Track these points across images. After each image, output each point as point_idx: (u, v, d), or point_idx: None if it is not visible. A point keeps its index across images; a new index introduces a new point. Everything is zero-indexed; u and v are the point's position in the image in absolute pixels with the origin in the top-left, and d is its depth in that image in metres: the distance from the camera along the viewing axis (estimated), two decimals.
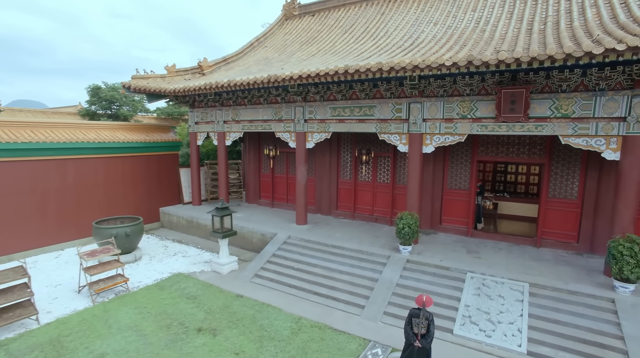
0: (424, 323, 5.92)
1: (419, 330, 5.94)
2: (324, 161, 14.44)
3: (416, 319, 5.99)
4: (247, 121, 14.05)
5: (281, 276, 10.44)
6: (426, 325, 5.93)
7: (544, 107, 8.76)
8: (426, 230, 12.35)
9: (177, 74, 15.21)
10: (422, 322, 5.91)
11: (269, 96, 13.15)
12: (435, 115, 10.05)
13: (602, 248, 10.05)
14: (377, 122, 11.02)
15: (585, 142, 8.53)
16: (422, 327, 5.92)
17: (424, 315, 5.93)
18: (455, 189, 12.08)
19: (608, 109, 8.20)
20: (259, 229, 12.91)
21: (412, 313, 6.08)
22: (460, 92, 9.72)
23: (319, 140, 12.33)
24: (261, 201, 16.83)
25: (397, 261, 9.82)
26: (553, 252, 10.43)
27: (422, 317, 5.92)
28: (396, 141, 10.77)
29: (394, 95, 10.68)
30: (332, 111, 11.82)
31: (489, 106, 9.30)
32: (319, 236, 11.93)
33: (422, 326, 5.92)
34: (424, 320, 5.92)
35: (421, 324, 5.91)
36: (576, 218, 10.51)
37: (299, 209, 13.08)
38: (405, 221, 9.79)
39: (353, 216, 14.03)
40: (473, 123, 9.57)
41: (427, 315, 5.97)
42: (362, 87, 10.88)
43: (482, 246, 10.97)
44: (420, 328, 5.92)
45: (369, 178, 13.79)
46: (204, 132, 15.58)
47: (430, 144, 10.25)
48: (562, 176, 10.61)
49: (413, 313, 6.07)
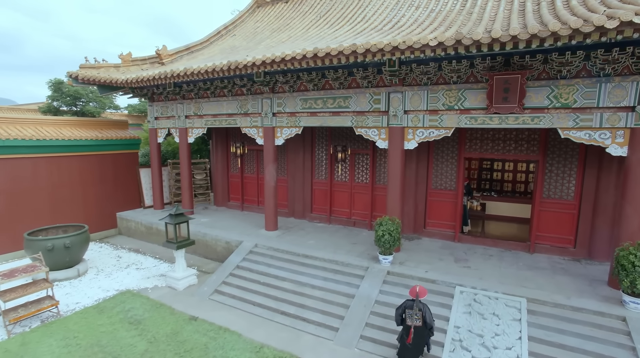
0: (418, 314, 5.79)
1: (412, 321, 5.83)
2: (297, 159, 13.13)
3: (410, 311, 5.88)
4: (210, 115, 12.62)
5: (244, 293, 9.10)
6: (420, 316, 5.81)
7: (541, 96, 7.65)
8: (409, 235, 11.18)
9: (133, 63, 13.64)
10: (416, 313, 5.79)
11: (234, 87, 11.75)
12: (418, 106, 8.85)
13: (602, 253, 9.07)
14: (353, 115, 9.77)
15: (587, 135, 7.46)
16: (417, 318, 5.80)
17: (418, 306, 5.81)
18: (440, 189, 10.94)
19: (614, 97, 7.13)
20: (223, 236, 11.52)
21: (406, 305, 5.98)
22: (447, 80, 8.55)
23: (289, 136, 11.01)
24: (230, 203, 15.42)
25: (376, 274, 8.60)
26: (548, 259, 9.39)
27: (415, 308, 5.80)
28: (374, 136, 9.54)
29: (371, 84, 9.43)
30: (303, 103, 10.51)
31: (479, 96, 8.15)
32: (290, 243, 10.62)
33: (417, 318, 5.80)
34: (417, 311, 5.79)
35: (415, 315, 5.79)
36: (573, 221, 9.49)
37: (269, 213, 11.75)
38: (385, 227, 8.58)
39: (329, 219, 12.76)
40: (461, 115, 8.41)
41: (421, 306, 5.83)
42: (335, 76, 9.60)
43: (471, 252, 9.86)
44: (415, 320, 5.81)
45: (346, 178, 12.54)
46: (165, 129, 14.07)
47: (413, 139, 9.05)
48: (557, 175, 9.57)
49: (407, 304, 5.97)
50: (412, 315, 5.80)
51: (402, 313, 5.99)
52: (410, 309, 5.88)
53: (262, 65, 9.06)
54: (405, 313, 5.95)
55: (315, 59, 8.29)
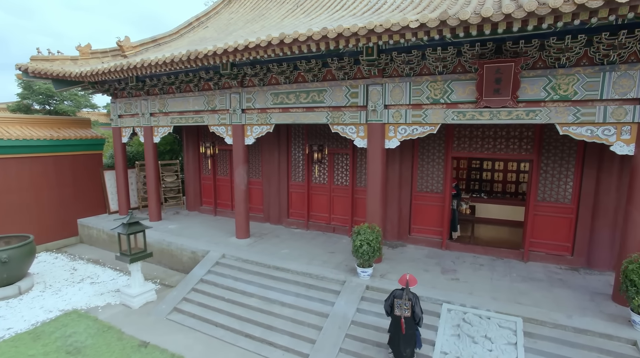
0: (407, 304, 5.50)
1: (401, 312, 5.54)
2: (272, 160, 12.10)
3: (399, 300, 5.58)
4: (176, 112, 11.53)
5: (206, 311, 8.07)
6: (410, 306, 5.51)
7: (537, 87, 6.76)
8: (393, 242, 10.24)
9: (92, 56, 12.47)
10: (405, 303, 5.50)
11: (200, 82, 10.69)
12: (399, 100, 7.90)
13: (602, 262, 8.24)
14: (328, 111, 8.79)
15: (589, 132, 6.58)
16: (406, 308, 5.52)
17: (408, 295, 5.51)
18: (426, 192, 10.01)
19: (620, 88, 6.26)
20: (189, 245, 10.45)
21: (395, 294, 5.69)
22: (431, 71, 7.61)
23: (259, 134, 9.99)
24: (203, 208, 14.32)
25: (353, 289, 7.63)
26: (544, 268, 8.52)
27: (404, 297, 5.50)
28: (352, 133, 8.57)
29: (348, 76, 8.46)
30: (274, 97, 9.49)
31: (467, 87, 7.23)
32: (261, 253, 9.60)
33: (406, 308, 5.52)
34: (406, 302, 5.49)
35: (404, 306, 5.51)
36: (570, 226, 8.64)
37: (239, 219, 10.70)
38: (364, 236, 7.61)
39: (307, 225, 11.77)
40: (447, 109, 7.48)
41: (410, 296, 5.53)
42: (308, 67, 8.60)
43: (459, 262, 8.95)
44: (404, 311, 5.52)
45: (324, 180, 11.55)
46: (129, 128, 12.92)
47: (395, 137, 8.10)
48: (553, 176, 8.70)
49: (396, 293, 5.69)
50: (402, 305, 5.52)
51: (392, 304, 5.71)
52: (400, 299, 5.57)
53: (224, 54, 8.03)
54: (394, 303, 5.66)
55: (281, 46, 7.29)
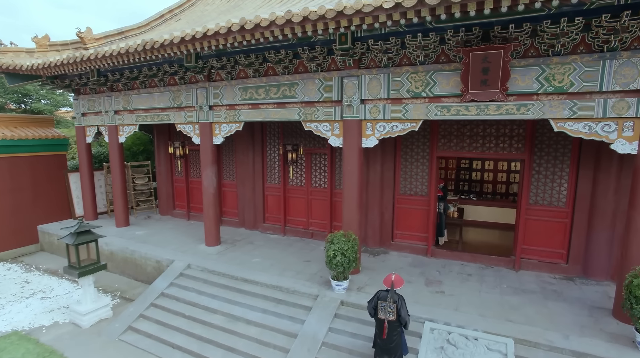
0: (392, 307, 5.08)
1: (385, 315, 5.12)
2: (246, 160, 11.26)
3: (383, 302, 5.15)
4: (141, 110, 10.64)
5: (164, 330, 7.21)
6: (395, 309, 5.09)
7: (529, 78, 6.02)
8: (374, 249, 9.47)
9: (51, 48, 11.51)
10: (390, 305, 5.08)
11: (165, 76, 9.81)
12: (377, 94, 7.12)
13: (599, 271, 7.56)
14: (300, 107, 7.98)
15: (587, 128, 5.85)
16: (390, 311, 5.10)
17: (393, 297, 5.09)
18: (410, 195, 9.25)
19: (622, 78, 5.54)
20: (154, 254, 9.57)
21: (379, 296, 5.26)
22: (412, 61, 6.83)
23: (228, 133, 9.15)
24: (176, 212, 13.43)
25: (326, 305, 6.84)
26: (537, 277, 7.81)
27: (389, 299, 5.09)
28: (326, 131, 7.77)
29: (321, 68, 7.66)
30: (242, 93, 8.66)
31: (452, 79, 6.47)
32: (230, 263, 8.76)
33: (390, 311, 5.10)
34: (391, 304, 5.08)
35: (389, 308, 5.09)
36: (565, 231, 7.93)
37: (208, 226, 9.86)
38: (338, 246, 6.81)
39: (283, 230, 10.95)
40: (430, 104, 6.71)
41: (396, 298, 5.11)
42: (278, 58, 7.79)
43: (445, 271, 8.20)
44: (388, 314, 5.10)
45: (301, 182, 10.74)
46: (94, 126, 11.98)
47: (372, 135, 7.32)
48: (546, 177, 7.99)
49: (380, 295, 5.26)
50: (386, 307, 5.10)
51: (375, 306, 5.28)
52: (384, 300, 5.14)
53: (181, 44, 7.19)
54: (378, 305, 5.21)
55: (242, 32, 6.47)
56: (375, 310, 5.30)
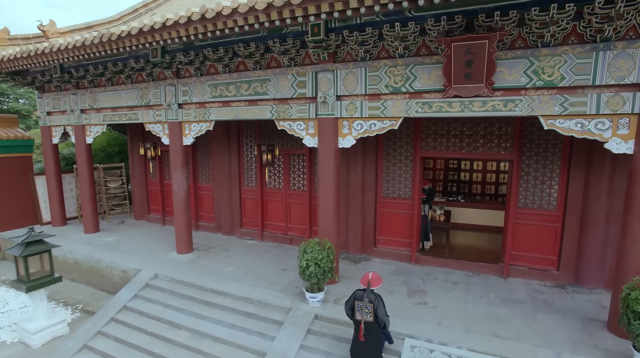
0: (369, 307, 4.81)
1: (362, 316, 4.83)
2: (222, 162, 10.64)
3: (359, 302, 4.87)
4: (109, 108, 9.97)
5: (123, 350, 6.58)
6: (371, 309, 4.80)
7: (517, 71, 5.51)
8: (356, 256, 8.93)
9: (11, 42, 10.74)
10: (367, 305, 4.81)
11: (133, 72, 9.16)
12: (354, 89, 6.57)
13: (592, 278, 7.11)
14: (273, 104, 7.41)
15: (579, 126, 5.36)
16: (367, 312, 4.82)
17: (369, 297, 4.82)
18: (393, 198, 8.72)
19: (616, 71, 5.06)
20: (120, 263, 8.91)
21: (356, 295, 4.97)
22: (390, 53, 6.30)
23: (199, 133, 8.54)
24: (151, 216, 12.76)
25: (299, 319, 6.27)
26: (526, 285, 7.33)
27: (365, 299, 4.82)
28: (301, 130, 7.21)
29: (294, 62, 7.09)
30: (212, 90, 8.06)
31: (433, 73, 5.94)
32: (200, 272, 8.15)
33: (367, 311, 4.82)
34: (368, 304, 4.81)
35: (365, 309, 4.82)
36: (556, 236, 7.47)
37: (180, 232, 9.24)
38: (311, 255, 6.25)
39: (261, 236, 10.35)
40: (410, 100, 6.18)
41: (372, 298, 4.84)
42: (247, 52, 7.20)
43: (430, 279, 7.68)
44: (365, 315, 4.82)
45: (279, 185, 10.16)
46: (60, 126, 11.27)
47: (350, 134, 6.77)
48: (536, 178, 7.52)
49: (357, 295, 4.97)
50: (362, 307, 4.81)
51: (352, 306, 4.98)
52: (360, 300, 4.84)
53: (139, 35, 6.58)
54: (355, 305, 4.91)
55: (204, 22, 5.89)
56: (353, 310, 4.99)
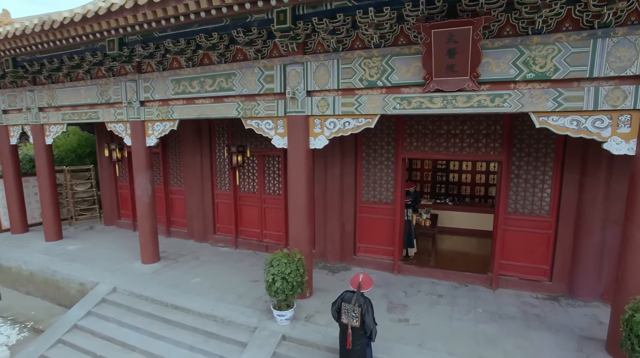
0: (357, 311, 4.32)
1: (349, 320, 4.39)
2: (193, 164, 9.92)
3: (347, 305, 4.43)
4: (69, 107, 9.21)
5: None
6: (359, 314, 4.32)
7: (505, 62, 4.90)
8: (335, 265, 8.28)
9: None
10: (354, 309, 4.33)
11: (91, 67, 8.41)
12: (325, 84, 5.91)
13: (587, 289, 6.56)
14: (239, 101, 6.73)
15: (575, 124, 4.76)
16: (354, 316, 4.34)
17: (358, 301, 4.35)
18: (374, 203, 8.08)
19: (616, 61, 4.47)
20: (78, 274, 8.16)
21: (344, 297, 4.55)
22: (366, 43, 5.65)
23: (162, 133, 7.83)
24: (121, 221, 11.99)
25: (264, 341, 5.60)
26: (517, 298, 6.74)
27: (354, 302, 4.35)
28: (269, 130, 6.54)
29: (262, 54, 6.42)
30: (175, 85, 7.36)
31: (413, 64, 5.31)
32: (164, 285, 7.45)
33: (354, 316, 4.34)
34: (356, 308, 4.32)
35: (352, 313, 4.34)
36: (548, 244, 6.89)
37: (144, 240, 8.50)
38: (278, 269, 5.59)
39: (235, 243, 9.66)
40: (387, 95, 5.54)
41: (361, 302, 4.37)
42: (210, 43, 6.50)
43: (413, 291, 7.06)
44: (352, 319, 4.36)
45: (254, 189, 9.47)
46: (18, 126, 10.46)
47: (322, 133, 6.11)
48: (527, 181, 6.93)
49: (345, 296, 4.55)
50: (350, 311, 4.43)
51: (339, 308, 4.61)
52: (348, 303, 4.47)
53: (84, 22, 5.88)
54: (342, 307, 4.53)
55: (153, 7, 5.21)
56: (339, 313, 4.61)
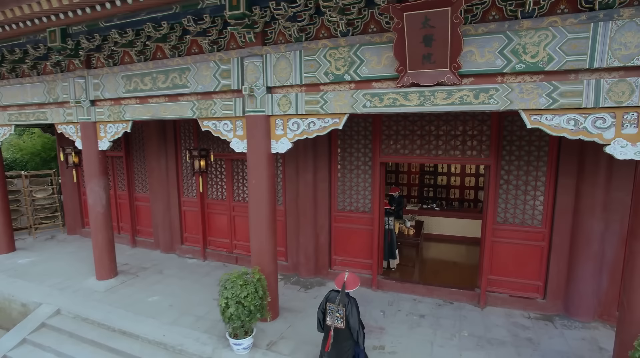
0: (341, 311, 4.08)
1: (333, 321, 4.15)
2: (159, 168, 9.11)
3: (331, 305, 4.19)
4: (15, 106, 8.35)
5: None
6: (343, 314, 4.07)
7: (491, 51, 4.18)
8: (308, 279, 7.53)
9: None
10: (339, 309, 4.09)
11: (37, 62, 7.57)
12: (287, 79, 5.16)
13: (585, 308, 5.96)
14: (195, 99, 5.96)
15: (572, 123, 4.06)
16: (338, 317, 4.11)
17: (342, 300, 4.09)
18: (350, 211, 7.35)
19: (622, 48, 3.77)
20: (21, 294, 7.31)
21: (329, 297, 4.27)
22: (332, 32, 4.91)
23: (115, 136, 7.03)
24: (85, 230, 11.10)
25: None
26: (507, 318, 6.05)
27: (338, 302, 4.10)
28: (227, 132, 5.77)
29: (218, 46, 5.66)
30: (126, 82, 6.56)
31: (385, 55, 4.58)
32: (116, 305, 6.64)
33: (338, 316, 4.10)
34: (340, 308, 4.08)
35: (336, 313, 4.11)
36: (541, 258, 6.20)
37: (98, 254, 7.67)
38: (232, 292, 4.82)
39: (203, 254, 8.87)
40: (356, 91, 4.81)
41: (345, 302, 4.10)
42: (160, 34, 5.70)
43: (392, 311, 6.33)
44: (336, 320, 4.13)
45: (222, 196, 8.70)
46: None
47: (284, 135, 5.36)
48: (517, 188, 6.24)
49: (329, 296, 4.27)
50: (333, 311, 4.16)
51: (324, 308, 4.34)
52: (333, 303, 4.21)
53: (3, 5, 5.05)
54: (327, 308, 4.27)
55: None
56: (325, 314, 4.33)
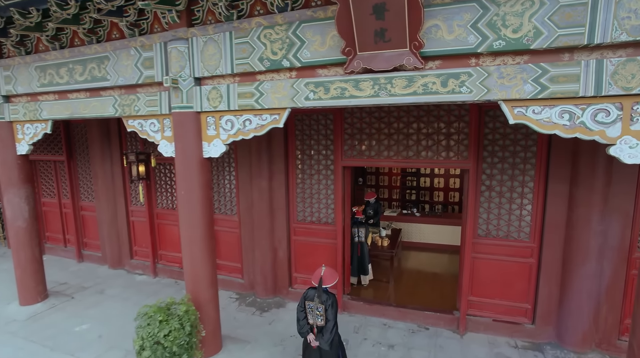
0: (320, 309, 3.84)
1: (314, 319, 3.93)
2: (104, 174, 8.08)
3: (310, 303, 3.93)
4: None
5: None
6: (323, 311, 3.83)
7: (461, 25, 3.27)
8: (266, 300, 6.58)
9: None
10: (318, 307, 3.85)
11: None
12: (217, 67, 4.19)
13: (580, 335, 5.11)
14: (116, 94, 4.97)
15: (567, 118, 3.16)
16: (319, 315, 3.86)
17: (320, 297, 3.85)
18: (311, 222, 6.40)
19: (631, 17, 2.89)
20: None
21: (306, 295, 4.00)
22: (268, 7, 3.96)
23: (35, 138, 5.99)
24: None
25: None
26: (490, 347, 5.16)
27: (316, 299, 3.86)
28: (154, 133, 4.79)
29: (140, 30, 4.67)
30: (41, 74, 5.54)
31: (329, 34, 3.63)
32: (33, 338, 5.63)
33: (319, 314, 3.86)
34: (318, 305, 3.85)
35: (317, 311, 3.87)
36: (530, 276, 5.32)
37: (21, 275, 6.60)
38: (149, 331, 3.85)
39: (154, 270, 7.87)
40: (298, 80, 3.86)
41: (324, 298, 3.85)
42: (67, 13, 4.69)
43: (357, 340, 5.40)
44: (317, 318, 3.90)
45: (172, 204, 7.70)
46: None
47: (217, 136, 4.39)
48: (501, 195, 5.34)
49: (307, 294, 4.00)
50: (313, 309, 3.86)
51: (303, 307, 3.95)
52: (311, 301, 3.87)
53: None
54: (306, 306, 3.92)
55: None
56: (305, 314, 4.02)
